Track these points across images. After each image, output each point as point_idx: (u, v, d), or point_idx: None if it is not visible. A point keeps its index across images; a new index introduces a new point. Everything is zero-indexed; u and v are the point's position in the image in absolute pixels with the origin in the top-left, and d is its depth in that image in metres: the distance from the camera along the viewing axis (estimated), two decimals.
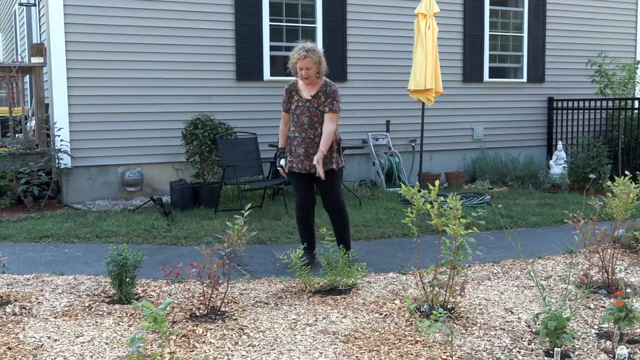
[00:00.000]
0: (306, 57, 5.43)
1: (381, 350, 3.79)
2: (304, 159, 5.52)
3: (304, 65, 5.44)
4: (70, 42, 8.53)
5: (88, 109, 8.70)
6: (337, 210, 5.66)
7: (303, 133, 5.53)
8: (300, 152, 5.54)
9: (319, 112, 5.53)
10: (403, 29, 10.36)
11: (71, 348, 3.80)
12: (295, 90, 5.63)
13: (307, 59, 5.43)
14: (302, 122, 5.53)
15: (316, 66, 5.47)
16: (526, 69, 11.82)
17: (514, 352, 3.78)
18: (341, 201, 5.68)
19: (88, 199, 8.80)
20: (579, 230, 4.84)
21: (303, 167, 5.54)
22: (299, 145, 5.54)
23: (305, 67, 5.44)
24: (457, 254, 4.28)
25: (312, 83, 5.55)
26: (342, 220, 5.68)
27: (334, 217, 5.69)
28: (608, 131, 11.62)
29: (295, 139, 5.57)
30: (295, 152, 5.57)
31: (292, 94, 5.64)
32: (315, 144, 5.50)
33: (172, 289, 4.95)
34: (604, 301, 4.72)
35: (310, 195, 5.71)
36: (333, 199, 5.63)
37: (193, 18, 9.19)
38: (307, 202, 5.70)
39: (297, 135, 5.56)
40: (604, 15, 12.37)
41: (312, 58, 5.44)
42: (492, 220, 7.49)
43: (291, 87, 5.67)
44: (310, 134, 5.52)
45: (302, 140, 5.53)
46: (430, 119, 10.48)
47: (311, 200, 5.72)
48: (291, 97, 5.63)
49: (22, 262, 5.85)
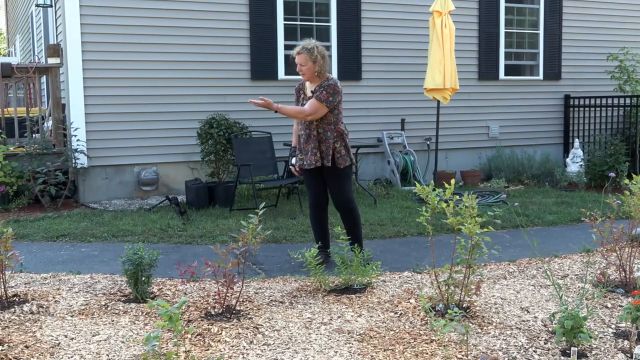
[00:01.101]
0: (300, 53, 5.50)
1: (396, 349, 3.78)
2: (310, 155, 5.55)
3: (298, 61, 5.53)
4: (86, 43, 8.59)
5: (104, 108, 8.76)
6: (348, 209, 5.65)
7: (307, 129, 5.57)
8: (308, 148, 5.57)
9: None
10: (418, 27, 10.33)
11: (87, 346, 3.82)
12: (302, 88, 5.71)
13: (301, 56, 5.49)
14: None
15: (312, 64, 5.48)
16: (542, 67, 11.73)
17: (530, 351, 3.76)
18: (351, 200, 5.66)
19: (104, 199, 8.86)
20: (596, 229, 4.80)
21: (311, 162, 5.55)
22: (306, 142, 5.58)
23: (300, 63, 5.51)
24: (472, 253, 4.26)
25: (310, 79, 5.59)
26: (353, 220, 5.67)
27: (344, 217, 5.68)
28: (625, 128, 11.50)
29: (302, 136, 5.62)
30: (303, 149, 5.62)
31: (300, 92, 5.72)
32: (322, 138, 5.54)
33: (188, 287, 4.97)
34: (621, 300, 4.67)
35: (322, 193, 5.72)
36: (342, 198, 5.63)
37: (208, 18, 9.22)
38: (318, 201, 5.72)
39: (303, 132, 5.61)
40: (621, 12, 12.24)
41: (306, 56, 5.47)
42: (508, 218, 7.45)
43: (299, 86, 5.75)
44: (313, 130, 5.55)
45: (308, 136, 5.56)
46: (446, 117, 10.44)
47: (323, 199, 5.73)
48: (300, 96, 5.70)
49: (40, 261, 5.91)
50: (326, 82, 5.54)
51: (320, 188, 5.71)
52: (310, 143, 5.55)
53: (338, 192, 5.64)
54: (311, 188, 5.73)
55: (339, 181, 5.61)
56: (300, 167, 5.71)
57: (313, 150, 5.54)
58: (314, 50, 5.48)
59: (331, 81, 5.54)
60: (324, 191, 5.73)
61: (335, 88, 5.50)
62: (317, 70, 5.50)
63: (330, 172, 5.59)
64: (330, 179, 5.60)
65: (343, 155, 5.59)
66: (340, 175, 5.60)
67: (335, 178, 5.58)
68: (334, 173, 5.58)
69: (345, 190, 5.64)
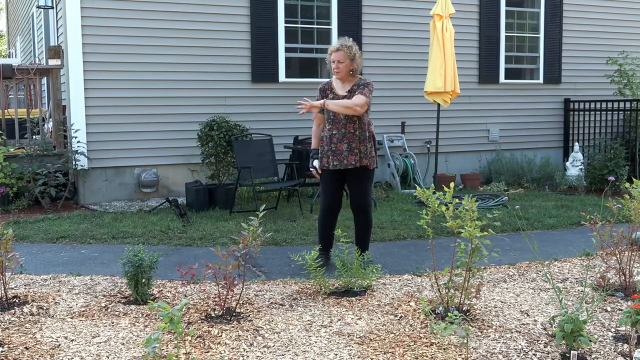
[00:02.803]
0: (339, 50, 5.45)
1: (396, 352, 3.78)
2: (348, 155, 5.48)
3: (336, 57, 5.46)
4: (87, 45, 8.60)
5: (105, 110, 8.77)
6: (365, 212, 5.64)
7: (342, 129, 5.48)
8: (343, 148, 5.48)
9: None
10: (418, 30, 10.33)
11: (87, 348, 3.82)
12: (330, 88, 5.59)
13: (340, 52, 5.44)
14: (339, 117, 5.47)
15: (349, 62, 5.46)
16: (542, 70, 11.75)
17: (529, 354, 3.76)
18: (369, 203, 5.66)
19: (104, 200, 8.86)
20: (596, 232, 4.80)
21: (349, 163, 5.48)
22: (340, 142, 5.48)
23: (337, 60, 5.45)
24: (472, 256, 4.26)
25: (343, 78, 5.54)
26: (367, 223, 5.67)
27: (358, 218, 5.66)
28: (625, 132, 11.51)
29: (334, 136, 5.49)
30: (337, 149, 5.49)
31: (326, 92, 5.58)
32: (356, 138, 5.49)
33: (188, 290, 4.98)
34: (621, 304, 4.68)
35: (339, 198, 5.66)
36: (363, 201, 5.62)
37: (209, 20, 9.23)
38: (335, 205, 5.64)
39: (336, 132, 5.49)
40: (621, 16, 12.26)
41: (345, 52, 5.44)
42: (508, 222, 7.46)
43: (325, 86, 5.63)
44: (350, 128, 5.48)
45: (343, 135, 5.47)
46: (446, 121, 10.45)
47: (339, 203, 5.67)
48: (326, 97, 5.55)
49: (40, 263, 5.91)
50: (364, 81, 5.56)
51: (338, 192, 5.64)
52: (345, 143, 5.47)
53: (360, 195, 5.61)
54: (330, 192, 5.61)
55: (365, 183, 5.61)
56: (325, 168, 5.55)
57: (354, 151, 5.47)
58: (352, 48, 5.49)
59: (368, 80, 5.57)
60: (340, 195, 5.67)
61: (373, 87, 5.57)
62: (352, 68, 5.50)
63: (361, 173, 5.56)
64: (357, 180, 5.56)
65: (374, 156, 5.61)
66: (368, 176, 5.62)
67: (362, 179, 5.57)
68: (365, 174, 5.57)
69: (367, 193, 5.64)
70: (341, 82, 5.58)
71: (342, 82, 5.57)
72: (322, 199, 5.69)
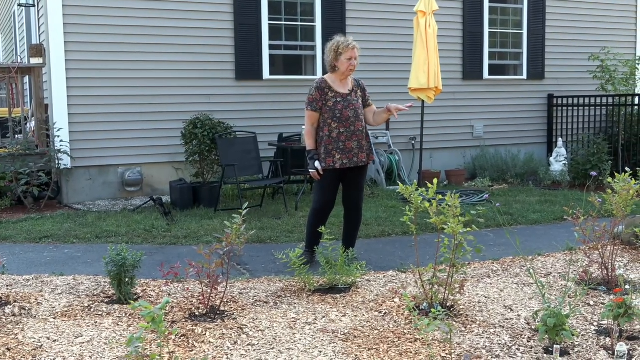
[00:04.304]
0: (355, 47, 5.47)
1: (380, 348, 3.78)
2: (358, 152, 5.48)
3: (353, 55, 5.45)
4: (69, 43, 8.54)
5: (87, 109, 8.70)
6: (359, 208, 5.69)
7: (351, 127, 5.46)
8: (352, 146, 5.46)
9: (360, 105, 5.58)
10: (402, 26, 10.35)
11: (70, 348, 3.80)
12: (328, 87, 5.50)
13: (356, 50, 5.47)
14: (348, 116, 5.44)
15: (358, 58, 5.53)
16: (526, 66, 11.81)
17: (513, 349, 3.78)
18: (363, 199, 5.74)
19: (88, 200, 8.80)
20: (579, 227, 4.83)
21: (359, 160, 5.50)
22: (349, 140, 5.45)
23: (354, 57, 5.46)
24: (456, 252, 4.28)
25: (348, 76, 5.56)
26: (359, 219, 5.74)
27: (352, 215, 5.67)
28: (608, 128, 11.61)
29: (342, 134, 5.43)
30: (346, 148, 5.44)
31: (325, 91, 5.47)
32: (364, 135, 5.54)
33: (172, 288, 4.95)
34: (603, 298, 4.71)
35: (335, 197, 5.62)
36: (359, 197, 5.66)
37: (192, 17, 9.19)
38: (331, 204, 5.60)
39: (344, 130, 5.44)
40: (604, 12, 12.36)
41: (358, 49, 5.50)
42: (492, 217, 7.48)
43: (322, 84, 5.51)
44: (359, 127, 5.50)
45: (352, 133, 5.46)
46: (430, 117, 10.47)
47: (333, 204, 5.64)
48: (325, 95, 5.47)
49: (22, 263, 5.86)
50: (359, 82, 5.67)
51: (336, 191, 5.61)
52: (355, 141, 5.47)
53: (359, 191, 5.65)
54: (329, 192, 5.53)
55: (364, 179, 5.70)
56: (330, 168, 5.46)
57: (363, 148, 5.52)
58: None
59: (361, 81, 5.68)
60: (336, 195, 5.63)
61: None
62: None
63: (363, 170, 5.62)
64: (358, 177, 5.60)
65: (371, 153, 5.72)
66: (366, 172, 5.72)
67: (363, 176, 5.65)
68: (365, 171, 5.68)
69: (363, 189, 5.72)
70: (340, 79, 5.56)
71: (340, 80, 5.56)
72: (317, 199, 5.57)
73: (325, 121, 5.47)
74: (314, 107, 5.48)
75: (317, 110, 5.49)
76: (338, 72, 5.51)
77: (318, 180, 5.53)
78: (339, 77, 5.53)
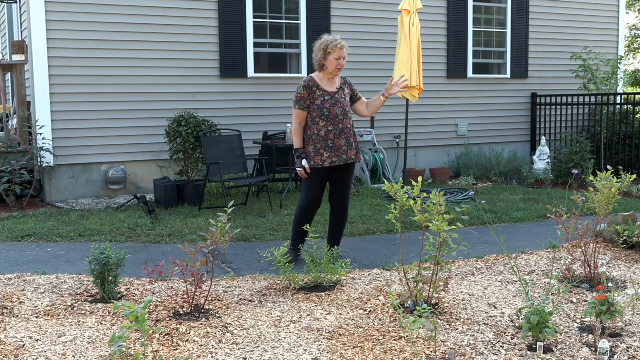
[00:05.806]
0: (344, 47, 5.47)
1: (365, 346, 3.79)
2: (347, 150, 5.49)
3: (342, 54, 5.46)
4: (52, 40, 8.46)
5: (70, 106, 8.63)
6: (345, 206, 5.70)
7: (339, 124, 5.46)
8: (341, 144, 5.47)
9: (347, 103, 5.59)
10: (386, 25, 10.37)
11: (53, 348, 3.76)
12: (316, 85, 5.49)
13: (345, 49, 5.48)
14: (336, 114, 5.44)
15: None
16: (510, 65, 11.87)
17: (497, 347, 3.80)
18: (349, 197, 5.75)
19: (71, 198, 8.74)
20: (562, 225, 4.86)
21: (348, 158, 5.51)
22: (338, 138, 5.45)
23: (343, 57, 5.47)
24: (441, 250, 4.29)
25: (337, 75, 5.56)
26: (345, 217, 5.75)
27: (338, 213, 5.67)
28: (591, 126, 11.71)
29: (331, 132, 5.43)
30: (334, 145, 5.45)
31: (313, 89, 5.47)
32: (353, 133, 5.56)
33: (156, 287, 4.93)
34: (586, 295, 4.75)
35: (322, 195, 5.60)
36: (346, 195, 5.67)
37: (177, 15, 9.14)
38: (319, 202, 5.57)
39: (332, 128, 5.44)
40: (586, 12, 12.46)
41: (347, 48, 5.52)
42: (476, 215, 7.52)
43: (310, 83, 5.49)
44: (347, 124, 5.51)
45: (341, 131, 5.47)
46: (415, 115, 10.49)
47: (321, 201, 5.62)
48: (313, 94, 5.46)
49: (4, 262, 5.80)
50: (346, 80, 5.69)
51: (323, 190, 5.60)
52: (344, 138, 5.48)
53: (346, 189, 5.66)
54: (317, 191, 5.52)
55: (351, 177, 5.69)
56: (318, 167, 5.44)
57: (352, 145, 5.53)
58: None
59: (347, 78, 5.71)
60: (323, 193, 5.61)
61: None
62: None
63: (351, 167, 5.62)
64: (346, 175, 5.60)
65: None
66: (354, 170, 5.72)
67: (350, 173, 5.65)
68: (353, 168, 5.66)
69: (350, 187, 5.73)
70: (328, 78, 5.54)
71: (328, 79, 5.55)
72: (305, 197, 5.55)
73: (314, 119, 5.47)
74: (302, 106, 5.47)
75: (305, 109, 5.48)
76: (326, 71, 5.50)
77: (306, 179, 5.52)
78: (327, 76, 5.52)
